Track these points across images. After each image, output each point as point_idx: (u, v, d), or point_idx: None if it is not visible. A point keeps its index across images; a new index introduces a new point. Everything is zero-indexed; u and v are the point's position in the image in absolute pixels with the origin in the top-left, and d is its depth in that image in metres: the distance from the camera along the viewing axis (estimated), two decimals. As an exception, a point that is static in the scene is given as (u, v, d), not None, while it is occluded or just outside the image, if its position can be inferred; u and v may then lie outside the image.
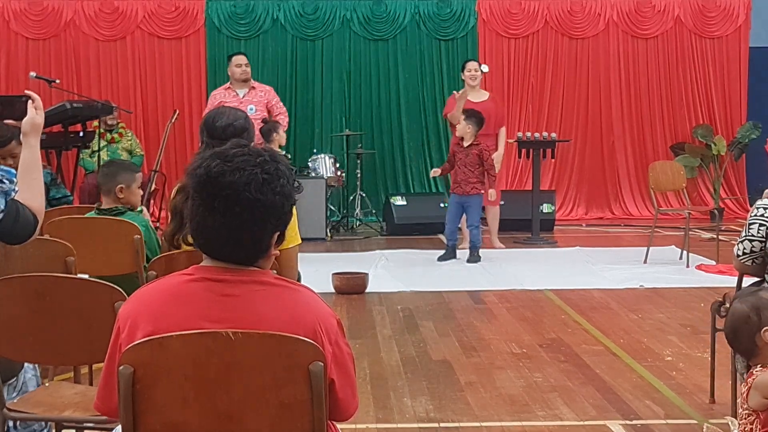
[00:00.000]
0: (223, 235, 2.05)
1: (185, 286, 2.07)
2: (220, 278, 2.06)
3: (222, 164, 2.03)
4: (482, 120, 8.38)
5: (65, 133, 8.30)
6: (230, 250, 2.06)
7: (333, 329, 2.06)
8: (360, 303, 6.89)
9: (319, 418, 1.99)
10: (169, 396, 1.99)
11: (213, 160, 2.04)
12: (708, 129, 11.59)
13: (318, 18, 11.42)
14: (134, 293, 2.18)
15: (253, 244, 2.07)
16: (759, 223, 3.87)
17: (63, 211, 5.29)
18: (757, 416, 2.51)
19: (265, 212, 2.04)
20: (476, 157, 8.29)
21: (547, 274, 7.85)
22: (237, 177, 2.01)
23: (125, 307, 2.12)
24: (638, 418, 4.28)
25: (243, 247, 2.06)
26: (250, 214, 2.02)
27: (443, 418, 4.32)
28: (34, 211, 2.92)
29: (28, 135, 3.02)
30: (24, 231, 2.88)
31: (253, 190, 2.01)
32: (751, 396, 2.52)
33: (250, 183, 2.01)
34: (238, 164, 2.03)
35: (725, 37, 11.69)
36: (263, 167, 2.04)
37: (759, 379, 2.52)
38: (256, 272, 2.08)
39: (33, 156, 3.01)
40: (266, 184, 2.03)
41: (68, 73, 11.03)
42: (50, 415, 3.01)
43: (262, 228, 2.05)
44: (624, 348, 5.53)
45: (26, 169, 2.97)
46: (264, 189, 2.02)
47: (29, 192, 2.93)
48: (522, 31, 11.56)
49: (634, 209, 11.62)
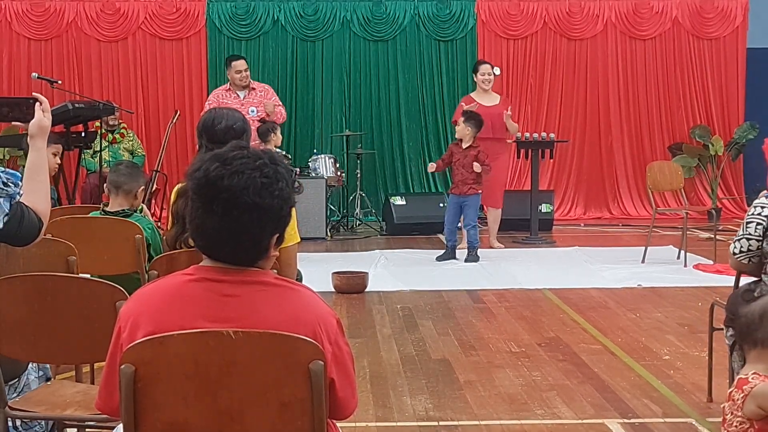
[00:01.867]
0: (223, 237, 2.05)
1: (186, 286, 2.08)
2: (221, 279, 2.07)
3: (221, 167, 2.03)
4: (481, 122, 8.42)
5: (67, 133, 8.32)
6: (230, 252, 2.07)
7: (333, 329, 2.07)
8: (360, 302, 6.91)
9: (320, 417, 2.01)
10: (170, 395, 2.01)
11: (212, 163, 2.05)
12: (705, 129, 11.61)
13: (318, 19, 11.44)
14: (135, 293, 2.19)
15: (253, 245, 2.07)
16: (756, 221, 3.89)
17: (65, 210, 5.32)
18: (752, 425, 2.47)
19: (264, 215, 2.04)
20: (473, 159, 8.33)
21: (546, 273, 7.87)
22: (235, 180, 2.01)
23: (126, 307, 2.13)
24: (636, 417, 4.30)
25: (242, 248, 2.07)
26: (249, 217, 2.03)
27: (442, 416, 4.34)
28: (39, 213, 2.91)
29: (35, 137, 3.00)
30: (29, 234, 2.88)
31: (252, 193, 2.01)
32: (747, 404, 2.46)
33: (248, 187, 2.01)
34: (236, 167, 2.03)
35: (723, 38, 11.70)
36: (262, 170, 2.04)
37: (759, 389, 2.45)
38: (256, 272, 2.09)
39: (40, 158, 2.99)
40: (264, 188, 2.03)
41: (70, 74, 11.05)
42: (52, 414, 3.01)
43: (260, 230, 2.06)
44: (622, 347, 5.55)
45: (33, 171, 2.96)
46: (262, 193, 2.02)
47: (35, 194, 2.92)
48: (521, 32, 11.57)
49: (632, 209, 11.63)
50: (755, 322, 2.56)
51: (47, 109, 3.04)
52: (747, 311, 2.62)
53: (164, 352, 1.99)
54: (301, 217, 7.98)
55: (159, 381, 2.00)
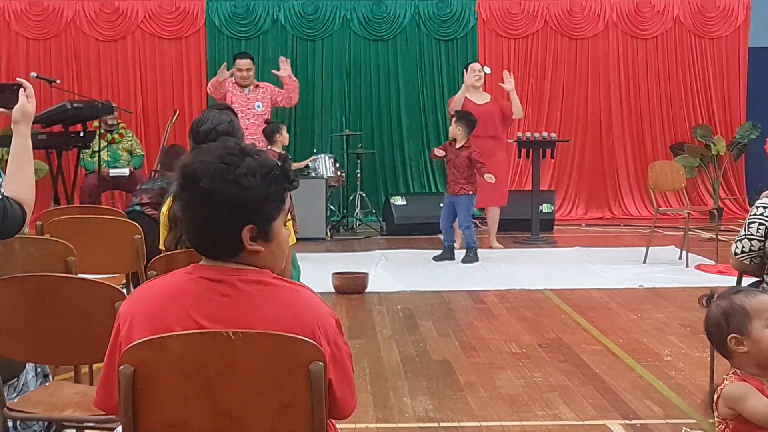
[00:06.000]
0: (194, 229, 2.05)
1: (184, 285, 2.06)
2: (219, 278, 2.05)
3: (191, 157, 2.07)
4: (474, 122, 8.42)
5: (66, 133, 8.32)
6: (205, 245, 2.07)
7: (332, 329, 2.05)
8: (360, 303, 6.89)
9: (319, 417, 1.99)
10: (169, 395, 2.00)
11: (191, 154, 2.10)
12: (707, 129, 11.60)
13: (318, 18, 11.43)
14: (134, 291, 2.18)
15: (222, 236, 2.03)
16: (759, 222, 3.88)
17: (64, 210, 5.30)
18: (726, 425, 2.46)
19: (219, 202, 2.00)
20: (465, 159, 8.32)
21: (547, 274, 7.85)
22: (196, 167, 2.02)
23: (125, 305, 2.11)
24: (637, 418, 4.28)
25: (212, 240, 2.05)
26: (203, 203, 2.01)
27: (443, 417, 4.32)
28: (23, 202, 2.89)
29: (19, 123, 2.98)
30: (12, 227, 2.87)
31: (206, 179, 1.99)
32: (720, 405, 2.46)
33: (205, 172, 2.00)
34: (203, 156, 2.04)
35: (725, 37, 11.70)
36: (224, 159, 2.01)
37: (726, 390, 2.45)
38: (254, 272, 2.07)
39: (24, 144, 2.97)
40: (218, 173, 1.99)
41: (69, 73, 11.04)
42: (51, 415, 3.00)
43: (219, 219, 2.02)
44: (623, 348, 5.54)
45: (16, 157, 2.95)
46: (215, 177, 1.99)
47: (18, 182, 2.90)
48: (522, 32, 11.56)
49: (633, 209, 11.62)
50: (722, 325, 2.51)
51: (31, 95, 3.02)
52: (709, 319, 2.56)
53: (163, 352, 1.98)
54: (301, 217, 8.03)
55: (158, 382, 1.99)
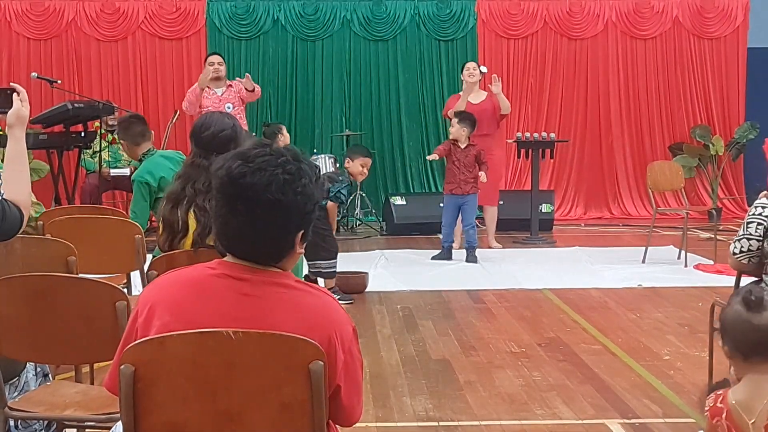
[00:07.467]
0: (247, 236, 2.04)
1: (207, 280, 2.07)
2: (242, 277, 2.05)
3: (243, 165, 2.02)
4: (475, 122, 8.47)
5: (66, 133, 8.33)
6: (254, 250, 2.06)
7: (348, 337, 2.06)
8: (360, 302, 6.90)
9: (319, 417, 2.00)
10: (169, 395, 2.00)
11: (234, 161, 2.04)
12: (706, 129, 11.61)
13: (318, 18, 11.44)
14: (156, 279, 2.19)
15: (277, 243, 2.06)
16: (757, 222, 3.89)
17: (65, 210, 5.31)
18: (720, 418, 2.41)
19: (287, 212, 2.03)
20: (474, 158, 8.38)
21: (546, 273, 7.86)
22: (258, 178, 2.00)
23: (146, 292, 2.13)
24: (636, 417, 4.29)
25: (266, 246, 2.06)
26: (272, 214, 2.02)
27: (442, 417, 4.33)
28: (20, 204, 2.91)
29: (13, 127, 3.02)
30: (10, 229, 2.89)
31: (274, 190, 2.00)
32: None
33: (270, 184, 2.00)
34: (259, 165, 2.02)
35: (723, 37, 11.70)
36: (284, 167, 2.02)
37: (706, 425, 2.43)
38: (277, 274, 2.08)
39: (19, 148, 3.00)
40: (287, 185, 2.01)
41: (69, 74, 11.04)
42: (51, 414, 3.01)
43: (284, 228, 2.05)
44: (622, 347, 5.55)
45: (12, 161, 2.98)
46: (285, 189, 2.01)
47: (15, 185, 2.93)
48: (521, 32, 11.57)
49: (632, 209, 11.63)
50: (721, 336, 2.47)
51: (25, 99, 3.06)
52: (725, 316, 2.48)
53: (164, 352, 1.98)
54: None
55: (159, 381, 2.00)
